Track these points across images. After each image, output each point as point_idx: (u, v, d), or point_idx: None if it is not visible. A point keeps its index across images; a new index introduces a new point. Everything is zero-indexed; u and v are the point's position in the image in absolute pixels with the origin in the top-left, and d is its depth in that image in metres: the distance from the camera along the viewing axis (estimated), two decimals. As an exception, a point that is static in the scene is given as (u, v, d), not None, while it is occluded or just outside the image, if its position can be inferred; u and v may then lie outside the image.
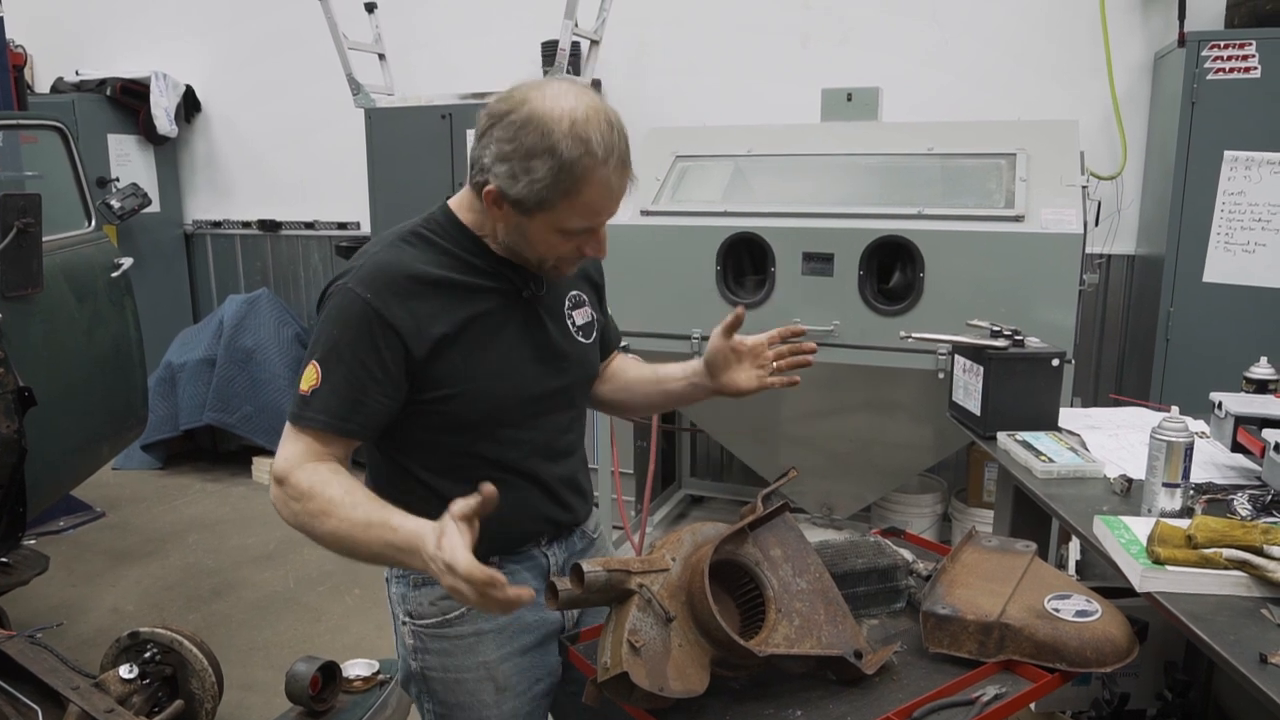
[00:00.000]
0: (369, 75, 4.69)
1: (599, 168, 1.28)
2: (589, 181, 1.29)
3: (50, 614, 3.50)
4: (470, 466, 1.41)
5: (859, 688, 1.32)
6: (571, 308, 1.55)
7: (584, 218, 1.33)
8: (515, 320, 1.45)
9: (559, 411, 1.52)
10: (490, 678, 1.49)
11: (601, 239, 1.39)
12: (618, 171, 1.31)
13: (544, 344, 1.48)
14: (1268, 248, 3.26)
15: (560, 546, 1.58)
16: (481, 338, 1.41)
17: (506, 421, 1.44)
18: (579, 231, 1.36)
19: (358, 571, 3.92)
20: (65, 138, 3.51)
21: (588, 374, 1.59)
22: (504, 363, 1.42)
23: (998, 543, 1.61)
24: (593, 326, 1.59)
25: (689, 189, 3.50)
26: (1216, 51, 3.25)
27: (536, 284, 1.47)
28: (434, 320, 1.37)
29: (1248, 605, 1.34)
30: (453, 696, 1.50)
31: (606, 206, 1.33)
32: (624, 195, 1.35)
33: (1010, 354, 2.13)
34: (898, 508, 3.88)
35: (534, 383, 1.46)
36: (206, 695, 2.52)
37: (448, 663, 1.49)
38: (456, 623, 1.47)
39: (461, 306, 1.39)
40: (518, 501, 1.45)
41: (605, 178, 1.29)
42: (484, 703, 1.50)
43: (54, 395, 3.01)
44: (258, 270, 5.82)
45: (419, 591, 1.49)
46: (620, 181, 1.32)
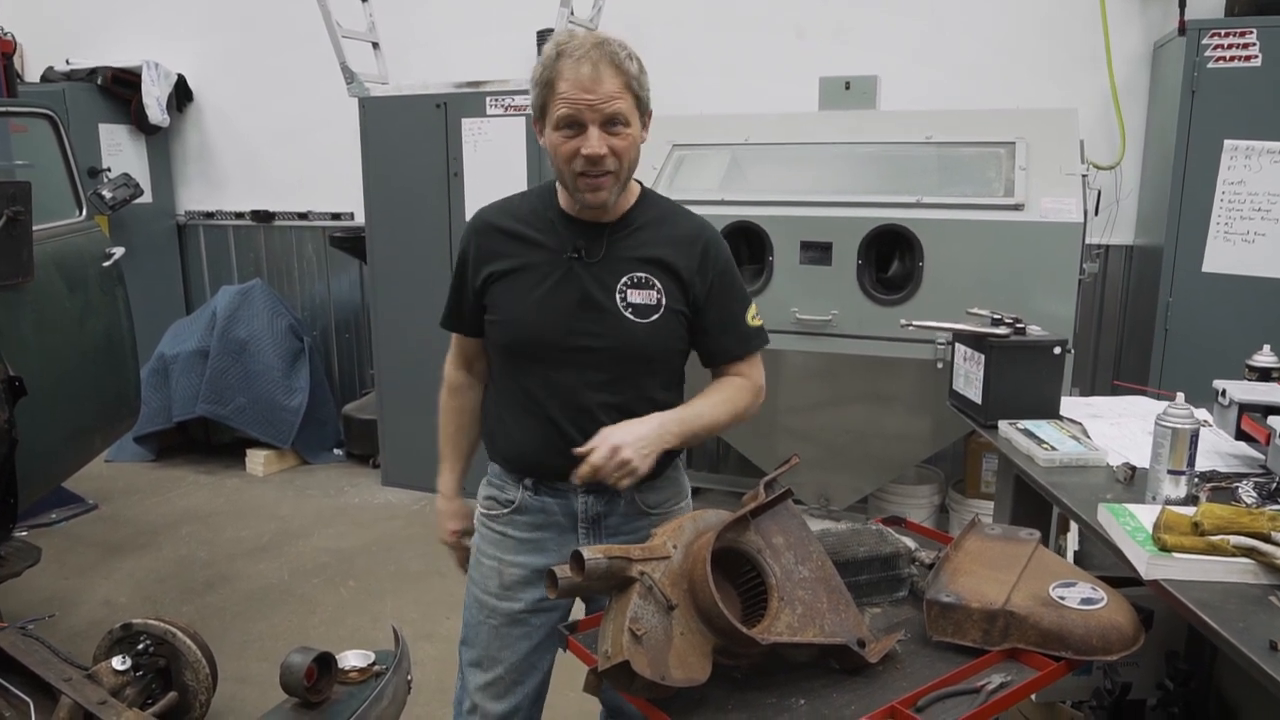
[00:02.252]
0: (363, 64, 4.64)
1: (565, 59, 1.52)
2: (559, 72, 1.53)
3: (42, 606, 3.48)
4: (514, 391, 1.72)
5: (862, 676, 1.31)
6: (629, 285, 1.65)
7: (565, 104, 1.52)
8: (556, 276, 1.65)
9: (586, 370, 1.65)
10: (499, 572, 1.77)
11: (591, 136, 1.52)
12: (587, 62, 1.51)
13: (579, 303, 1.64)
14: (1267, 237, 3.25)
15: (599, 500, 1.71)
16: (525, 281, 1.66)
17: (534, 357, 1.67)
18: (569, 125, 1.53)
19: (353, 563, 3.91)
20: (56, 125, 3.47)
21: (629, 347, 1.65)
22: (537, 307, 1.64)
23: (1001, 531, 1.60)
24: (655, 310, 1.65)
25: (686, 178, 3.48)
26: (1217, 40, 3.23)
27: (591, 250, 1.64)
28: (495, 259, 1.68)
29: (1256, 592, 1.33)
30: (475, 572, 1.83)
31: (579, 93, 1.51)
32: (601, 85, 1.51)
33: (1012, 342, 2.11)
34: (895, 499, 3.87)
35: (561, 334, 1.64)
36: (200, 687, 2.49)
37: (481, 545, 1.82)
38: (494, 520, 1.79)
39: (518, 253, 1.67)
40: (546, 436, 1.68)
41: (574, 67, 1.51)
42: (489, 589, 1.78)
43: (45, 386, 2.98)
44: (251, 261, 5.78)
45: (484, 486, 1.83)
46: (592, 71, 1.51)
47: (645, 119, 1.62)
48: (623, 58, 1.54)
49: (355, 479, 4.96)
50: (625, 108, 1.54)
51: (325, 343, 5.65)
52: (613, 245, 1.65)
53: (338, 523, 4.37)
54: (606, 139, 1.53)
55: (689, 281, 1.67)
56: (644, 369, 1.69)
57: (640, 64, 1.58)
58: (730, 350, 1.75)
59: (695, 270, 1.68)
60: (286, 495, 4.74)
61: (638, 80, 1.56)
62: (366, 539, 4.18)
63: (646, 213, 1.70)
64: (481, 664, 1.80)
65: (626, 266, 1.65)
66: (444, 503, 1.90)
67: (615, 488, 1.55)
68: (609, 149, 1.54)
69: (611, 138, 1.54)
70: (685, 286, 1.67)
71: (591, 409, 1.65)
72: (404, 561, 3.92)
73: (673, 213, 1.74)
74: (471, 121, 4.25)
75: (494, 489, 1.80)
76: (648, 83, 1.59)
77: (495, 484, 1.80)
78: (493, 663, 1.78)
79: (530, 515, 1.74)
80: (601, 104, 1.51)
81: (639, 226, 1.68)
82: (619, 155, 1.56)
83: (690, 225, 1.73)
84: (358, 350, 5.59)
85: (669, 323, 1.66)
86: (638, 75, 1.56)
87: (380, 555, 4.00)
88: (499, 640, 1.78)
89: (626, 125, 1.55)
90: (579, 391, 1.66)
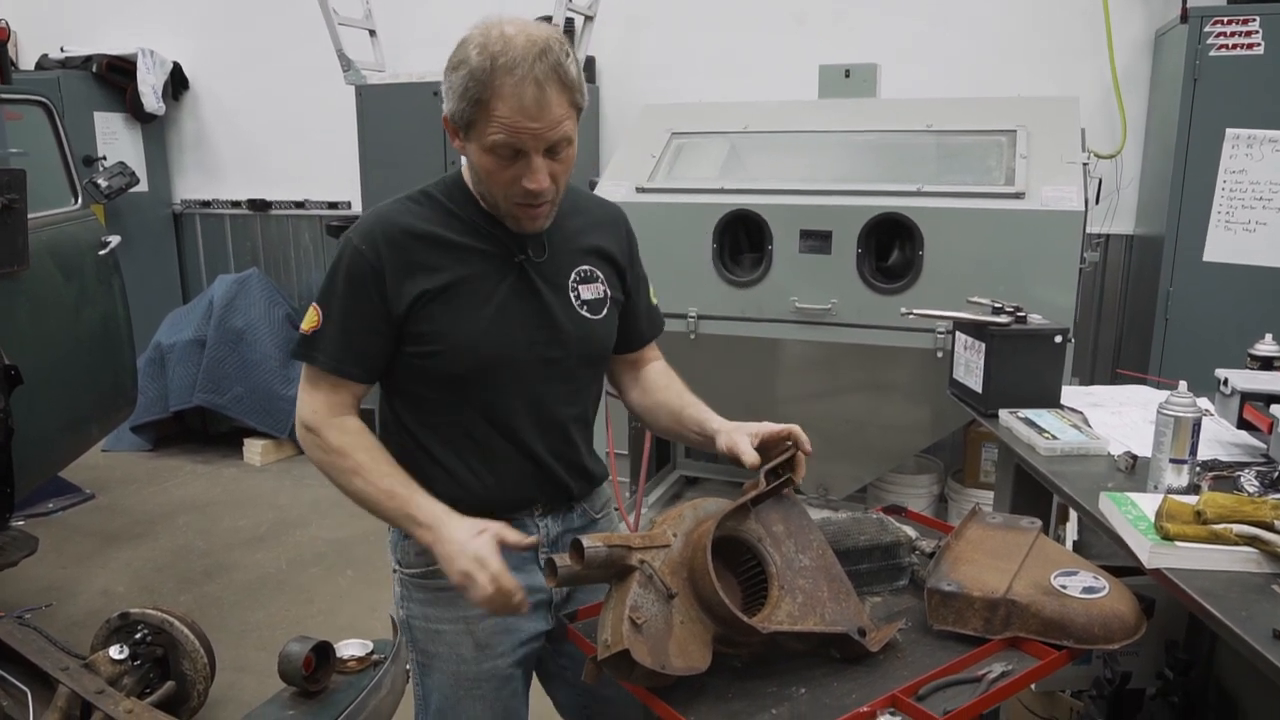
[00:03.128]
0: (359, 52, 4.62)
1: (504, 76, 1.28)
2: (495, 92, 1.28)
3: (39, 596, 3.47)
4: (461, 427, 1.47)
5: (863, 665, 1.30)
6: (578, 281, 1.52)
7: (501, 131, 1.30)
8: (507, 284, 1.45)
9: (553, 382, 1.50)
10: (469, 633, 1.51)
11: (535, 168, 1.33)
12: (531, 84, 1.27)
13: (537, 311, 1.47)
14: (1269, 226, 3.24)
15: (556, 520, 1.56)
16: (469, 297, 1.43)
17: (492, 383, 1.45)
18: (506, 153, 1.33)
19: (350, 553, 3.90)
20: (50, 113, 3.45)
21: (591, 350, 1.55)
22: (490, 324, 1.43)
23: (1002, 519, 1.59)
24: (604, 304, 1.54)
25: (685, 166, 3.47)
26: (1219, 28, 3.22)
27: (535, 250, 1.47)
28: (420, 273, 1.41)
29: (1258, 581, 1.32)
30: (433, 646, 1.54)
31: (522, 120, 1.29)
32: (548, 112, 1.29)
33: (1013, 330, 2.10)
34: (894, 488, 3.87)
35: (523, 349, 1.46)
36: (198, 676, 2.49)
37: (429, 612, 1.53)
38: (438, 575, 1.42)
39: (452, 264, 1.42)
40: (504, 469, 1.49)
41: (514, 89, 1.27)
42: (463, 657, 1.52)
43: (41, 375, 2.97)
44: (247, 250, 5.76)
45: (407, 541, 1.52)
46: (537, 93, 1.28)
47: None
48: (567, 66, 1.31)
49: (353, 469, 4.95)
50: (570, 128, 1.34)
51: (323, 332, 5.63)
52: (551, 240, 1.49)
53: (335, 513, 4.36)
54: (548, 164, 1.35)
55: (624, 267, 1.59)
56: (601, 369, 1.61)
57: (578, 62, 1.35)
58: (650, 331, 1.68)
59: (626, 254, 1.60)
60: (284, 485, 4.73)
61: (580, 89, 1.34)
62: (364, 529, 4.17)
63: (567, 200, 1.50)
64: None
65: (571, 260, 1.51)
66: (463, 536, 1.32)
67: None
68: (550, 175, 1.36)
69: (553, 163, 1.36)
70: (621, 272, 1.59)
71: (560, 424, 1.52)
72: (402, 551, 3.91)
73: (584, 196, 1.62)
74: (469, 109, 4.22)
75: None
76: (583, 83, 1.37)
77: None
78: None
79: None
80: (547, 131, 1.31)
81: (565, 214, 1.50)
82: (557, 180, 1.38)
83: (606, 208, 1.63)
84: (355, 340, 5.57)
85: (612, 315, 1.56)
86: (579, 81, 1.34)
87: (378, 545, 3.94)
88: (488, 712, 1.54)
89: (570, 143, 1.36)
90: (543, 409, 1.49)
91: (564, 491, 1.56)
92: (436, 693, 1.56)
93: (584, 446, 1.59)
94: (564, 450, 1.54)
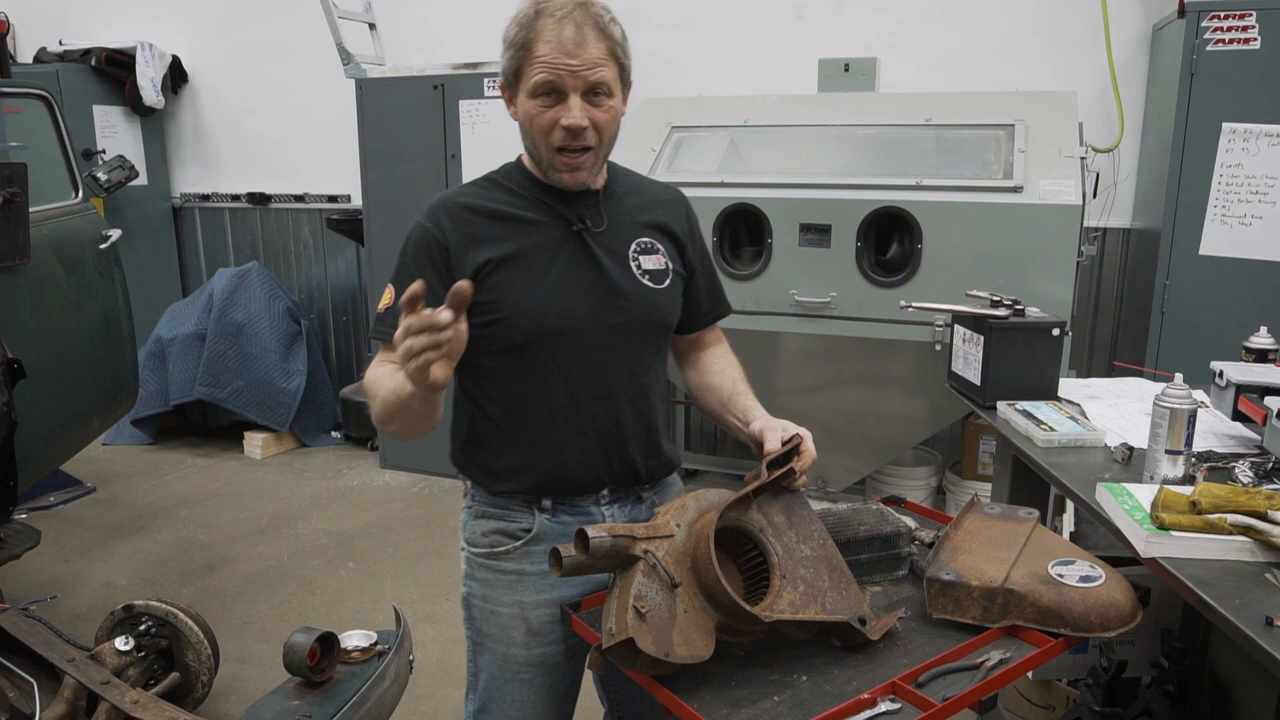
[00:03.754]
0: (359, 45, 4.62)
1: (545, 19, 1.38)
2: (538, 34, 1.39)
3: (42, 589, 3.49)
4: (526, 398, 1.50)
5: (863, 653, 1.32)
6: (639, 252, 1.55)
7: (542, 70, 1.39)
8: (567, 253, 1.50)
9: (615, 350, 1.52)
10: (523, 618, 1.55)
11: (572, 105, 1.40)
12: (568, 25, 1.38)
13: (597, 279, 1.50)
14: (1265, 220, 3.25)
15: (621, 509, 1.58)
16: (529, 266, 1.48)
17: (554, 351, 1.48)
18: (547, 95, 1.40)
19: (352, 545, 3.92)
20: (51, 106, 3.45)
21: (653, 317, 1.56)
22: (550, 292, 1.47)
23: (1000, 510, 1.61)
24: (666, 275, 1.57)
25: (685, 160, 3.48)
26: (1216, 22, 3.23)
27: (593, 220, 1.51)
28: (482, 245, 1.47)
29: (1252, 570, 1.34)
30: (487, 627, 1.58)
31: (560, 56, 1.38)
32: (585, 49, 1.38)
33: (1011, 323, 2.12)
34: (893, 480, 3.89)
35: (584, 316, 1.49)
36: (202, 667, 2.51)
37: (488, 593, 1.57)
38: (502, 558, 1.55)
39: (512, 235, 1.49)
40: (569, 441, 1.51)
41: (555, 28, 1.38)
42: (514, 640, 1.56)
43: (43, 368, 2.98)
44: (247, 244, 5.76)
45: (477, 521, 1.58)
46: (576, 33, 1.37)
47: (626, 91, 1.49)
48: (607, 21, 1.41)
49: (353, 461, 4.97)
50: (609, 76, 1.41)
51: (322, 325, 5.65)
52: (610, 213, 1.54)
53: (336, 505, 4.38)
54: (588, 110, 1.40)
55: (684, 243, 1.62)
56: (663, 340, 1.61)
57: (623, 31, 1.44)
58: (715, 310, 1.72)
59: (686, 232, 1.63)
60: (285, 478, 4.75)
61: (622, 48, 1.43)
62: (366, 521, 4.20)
63: (622, 180, 1.60)
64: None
65: (632, 232, 1.55)
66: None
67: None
68: (590, 121, 1.41)
69: (593, 109, 1.41)
70: (682, 248, 1.62)
71: (624, 395, 1.53)
72: (403, 543, 3.93)
73: (642, 178, 1.68)
74: (469, 103, 4.23)
75: (494, 521, 1.55)
76: (630, 51, 1.46)
77: (494, 515, 1.56)
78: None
79: (550, 543, 1.44)
80: (585, 70, 1.38)
81: (624, 192, 1.58)
82: (600, 129, 1.43)
83: (666, 189, 1.68)
84: (355, 333, 5.59)
85: (676, 287, 1.59)
86: (622, 42, 1.43)
87: (379, 537, 4.01)
88: (533, 697, 1.57)
89: (609, 96, 1.42)
90: (608, 377, 1.51)
91: (631, 469, 1.56)
92: (485, 673, 1.60)
93: (654, 422, 1.59)
94: (631, 422, 1.54)
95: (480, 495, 1.59)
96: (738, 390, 1.64)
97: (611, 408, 1.52)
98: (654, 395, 1.59)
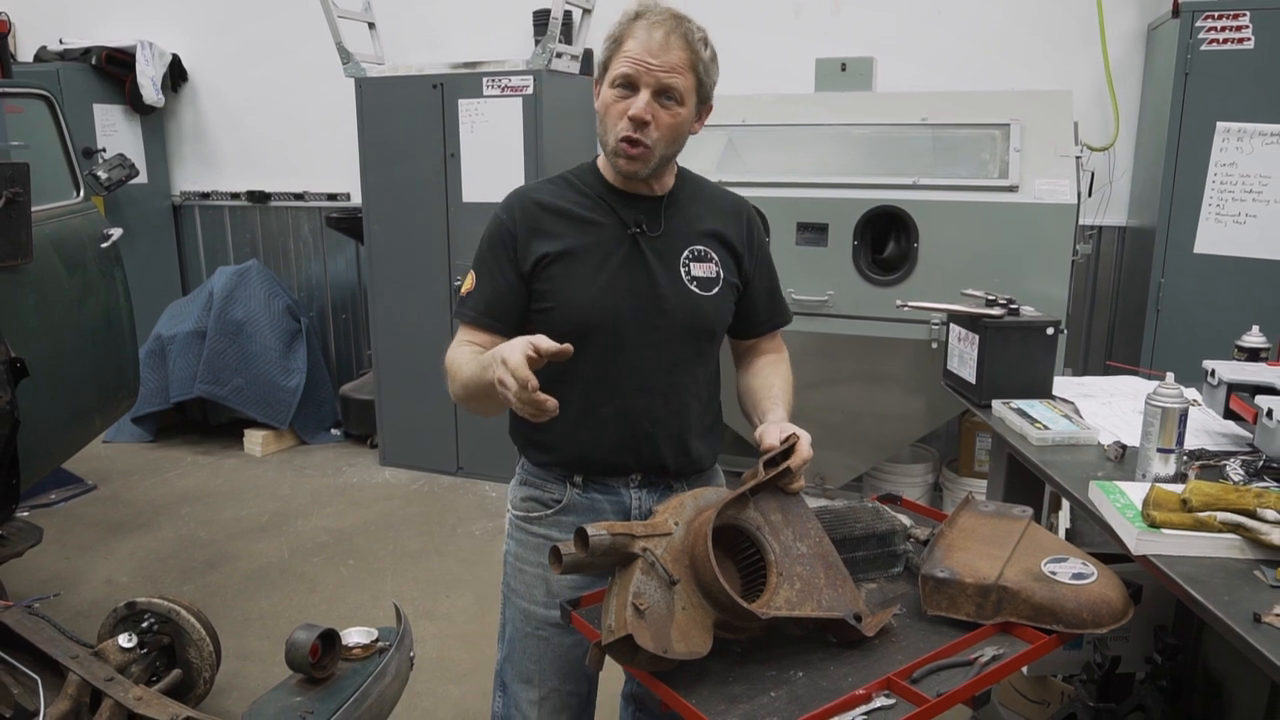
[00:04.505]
0: (359, 44, 4.63)
1: (637, 21, 1.52)
2: (630, 32, 1.51)
3: (44, 586, 3.50)
4: (570, 384, 1.56)
5: (859, 650, 1.33)
6: (691, 259, 1.63)
7: (626, 63, 1.50)
8: (620, 255, 1.59)
9: (654, 349, 1.60)
10: (545, 580, 1.68)
11: (639, 99, 1.49)
12: (661, 29, 1.50)
13: (645, 282, 1.59)
14: (1258, 219, 3.28)
15: (650, 494, 1.66)
16: (584, 263, 1.58)
17: (597, 344, 1.57)
18: (625, 86, 1.51)
19: (352, 542, 3.94)
20: (52, 106, 3.46)
21: (695, 322, 1.63)
22: (599, 289, 1.58)
23: (994, 508, 1.63)
24: (715, 283, 1.64)
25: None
26: (1210, 22, 3.25)
27: (650, 225, 1.60)
28: (545, 239, 1.59)
29: (1241, 567, 1.36)
30: (515, 582, 1.73)
31: (643, 54, 1.49)
32: (669, 53, 1.49)
33: (1006, 322, 2.14)
34: (889, 477, 3.91)
35: (627, 315, 1.58)
36: (204, 664, 2.53)
37: (520, 551, 1.72)
38: (535, 522, 1.69)
39: (572, 233, 1.59)
40: (604, 429, 1.61)
41: (646, 29, 1.50)
42: (534, 599, 1.69)
43: (45, 367, 2.99)
44: (247, 242, 5.78)
45: (520, 487, 1.73)
46: (664, 38, 1.49)
47: (703, 110, 1.57)
48: (697, 38, 1.52)
49: (353, 459, 4.99)
50: (683, 84, 1.50)
51: (322, 323, 5.66)
52: (669, 219, 1.62)
53: (336, 502, 4.40)
54: (654, 108, 1.49)
55: (741, 253, 1.68)
56: (707, 345, 1.68)
57: (714, 54, 1.55)
58: (774, 319, 1.78)
59: (745, 242, 1.69)
60: (285, 475, 4.77)
61: (705, 65, 1.53)
62: (366, 518, 4.21)
63: (688, 187, 1.68)
64: (533, 680, 1.71)
65: (686, 240, 1.63)
66: (503, 347, 1.35)
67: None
68: (654, 118, 1.49)
69: (660, 109, 1.50)
70: (738, 258, 1.68)
71: (659, 392, 1.61)
72: (403, 540, 3.95)
73: (710, 187, 1.75)
74: (468, 102, 4.24)
75: (532, 489, 1.70)
76: (716, 75, 1.56)
77: (534, 483, 1.70)
78: (545, 677, 1.70)
79: (578, 515, 1.64)
80: (661, 71, 1.48)
81: (687, 200, 1.66)
82: (661, 129, 1.51)
83: (730, 198, 1.74)
84: (354, 330, 5.61)
85: (726, 296, 1.66)
86: (707, 61, 1.53)
87: (379, 534, 4.03)
88: (549, 652, 1.69)
89: (679, 104, 1.51)
90: (647, 374, 1.60)
91: (659, 462, 1.63)
92: (510, 624, 1.75)
93: (687, 420, 1.65)
94: (665, 419, 1.62)
95: (525, 464, 1.73)
96: (770, 395, 1.69)
97: (646, 402, 1.61)
98: (690, 395, 1.65)
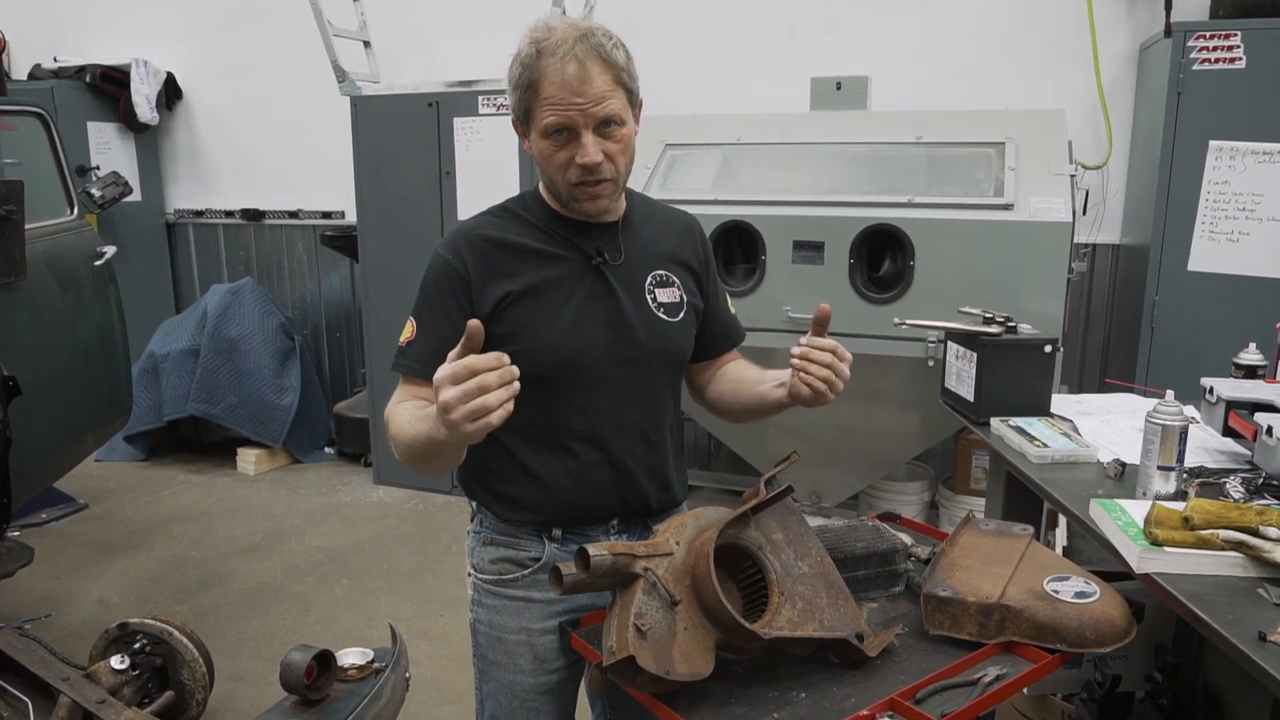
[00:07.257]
0: (354, 63, 4.64)
1: (547, 58, 1.37)
2: (542, 74, 1.38)
3: (35, 606, 3.47)
4: (543, 429, 1.50)
5: (861, 670, 1.32)
6: (655, 285, 1.56)
7: (553, 112, 1.38)
8: (585, 287, 1.51)
9: (631, 384, 1.53)
10: (530, 646, 1.57)
11: (586, 143, 1.40)
12: (572, 60, 1.36)
13: (613, 313, 1.52)
14: (1252, 236, 3.30)
15: (631, 537, 1.58)
16: (549, 299, 1.49)
17: (571, 384, 1.49)
18: (558, 133, 1.40)
19: (346, 561, 3.91)
20: (46, 124, 3.46)
21: (667, 350, 1.57)
22: (569, 325, 1.48)
23: (995, 526, 1.62)
24: (680, 308, 1.58)
25: (679, 177, 3.50)
26: (1202, 42, 3.28)
27: (611, 254, 1.52)
28: (502, 278, 1.48)
29: (1244, 585, 1.36)
30: (493, 653, 1.60)
31: (566, 96, 1.37)
32: (591, 85, 1.37)
33: (1003, 340, 2.14)
34: (886, 495, 3.90)
35: (602, 350, 1.50)
36: (197, 686, 2.50)
37: (494, 619, 1.59)
38: (510, 585, 1.57)
39: (532, 269, 1.49)
40: (584, 473, 1.52)
41: (558, 67, 1.37)
42: (520, 667, 1.58)
43: (38, 385, 2.97)
44: (241, 260, 5.77)
45: (485, 549, 1.59)
46: (579, 69, 1.36)
47: (637, 112, 1.48)
48: (609, 49, 1.39)
49: (347, 477, 4.97)
50: (618, 106, 1.40)
51: (316, 341, 5.65)
52: (628, 245, 1.54)
53: (330, 521, 4.37)
54: (601, 143, 1.40)
55: (700, 273, 1.63)
56: (677, 374, 1.63)
57: (627, 52, 1.43)
58: (731, 337, 1.73)
59: (701, 260, 1.64)
60: (278, 494, 4.74)
61: (627, 71, 1.42)
62: (360, 537, 4.19)
63: (639, 209, 1.61)
64: None
65: (647, 265, 1.56)
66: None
67: (823, 400, 1.44)
68: (605, 155, 1.41)
69: (606, 141, 1.41)
70: (698, 278, 1.63)
71: (639, 427, 1.55)
72: (398, 560, 3.93)
73: (657, 206, 1.68)
74: (463, 121, 4.26)
75: (503, 549, 1.57)
76: (636, 70, 1.44)
77: (504, 542, 1.57)
78: None
79: None
80: (593, 106, 1.37)
81: (640, 223, 1.59)
82: (615, 160, 1.43)
83: (680, 217, 1.68)
84: (349, 349, 5.59)
85: (690, 319, 1.60)
86: (626, 65, 1.42)
87: (374, 553, 4.00)
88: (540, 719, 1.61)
89: (621, 125, 1.42)
90: (623, 410, 1.53)
91: (643, 502, 1.58)
92: (491, 700, 1.62)
93: (665, 455, 1.60)
94: (645, 455, 1.56)
95: (489, 521, 1.59)
96: (766, 372, 1.63)
97: (626, 441, 1.54)
98: (666, 428, 1.60)
